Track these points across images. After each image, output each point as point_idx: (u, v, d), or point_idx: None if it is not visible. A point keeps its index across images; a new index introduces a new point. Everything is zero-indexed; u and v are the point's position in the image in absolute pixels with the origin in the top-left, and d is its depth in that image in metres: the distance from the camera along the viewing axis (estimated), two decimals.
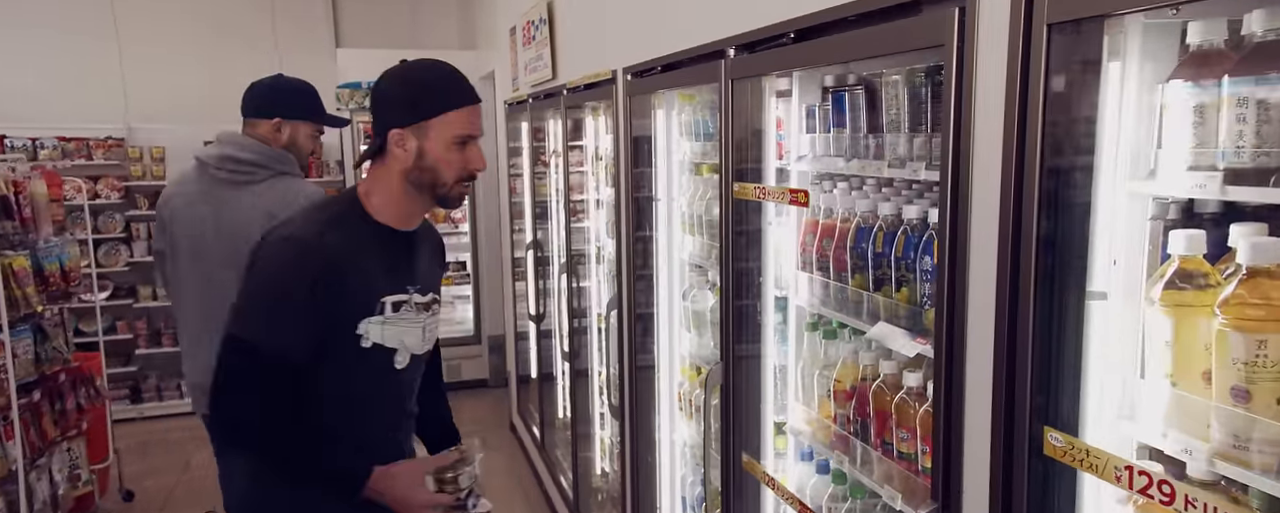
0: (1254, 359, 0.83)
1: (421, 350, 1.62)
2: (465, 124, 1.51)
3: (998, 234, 0.98)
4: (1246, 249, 0.84)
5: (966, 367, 1.05)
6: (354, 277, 1.48)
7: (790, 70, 1.70)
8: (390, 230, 1.56)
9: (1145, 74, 0.95)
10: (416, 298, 1.59)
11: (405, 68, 1.55)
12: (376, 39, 6.48)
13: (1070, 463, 0.91)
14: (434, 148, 1.50)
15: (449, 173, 1.52)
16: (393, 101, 1.52)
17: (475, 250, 6.02)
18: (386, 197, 1.55)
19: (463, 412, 5.89)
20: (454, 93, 1.52)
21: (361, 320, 1.50)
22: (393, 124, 1.50)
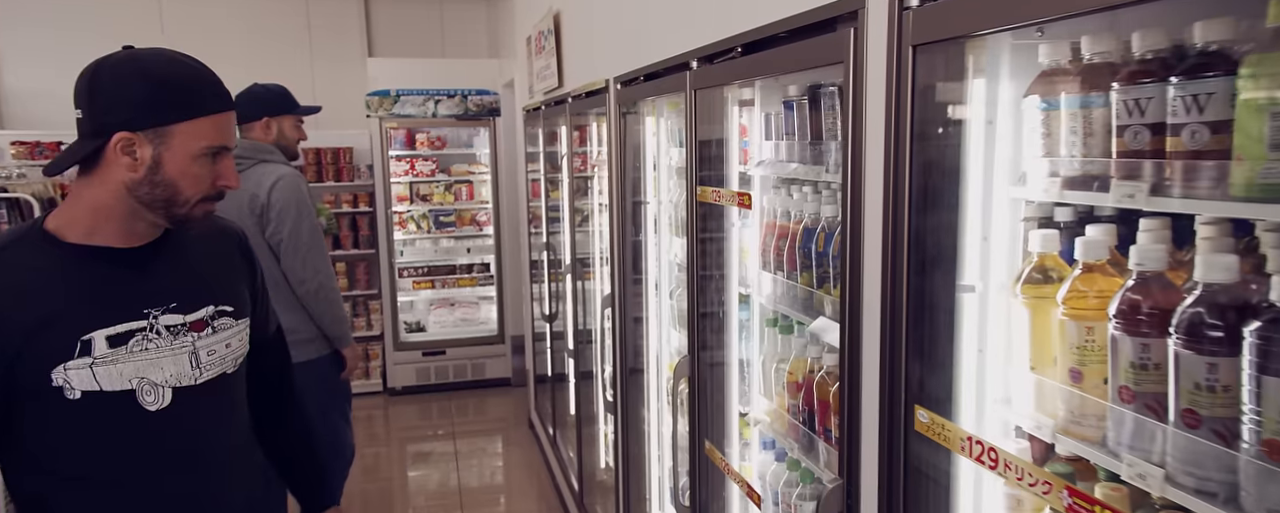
0: (1084, 344, 0.93)
1: (196, 379, 1.33)
2: (219, 132, 1.28)
3: (881, 233, 1.09)
4: (1079, 247, 0.94)
5: (862, 354, 1.16)
6: (22, 316, 1.21)
7: (752, 80, 1.81)
8: (97, 251, 1.28)
9: (1015, 90, 1.05)
10: (167, 320, 1.31)
11: (140, 58, 1.28)
12: (407, 48, 6.72)
13: (933, 438, 1.01)
14: (176, 159, 1.24)
15: (192, 189, 1.27)
16: (126, 99, 1.23)
17: (499, 253, 6.21)
18: (93, 212, 1.27)
19: (487, 410, 6.11)
20: (209, 95, 1.28)
21: (54, 368, 1.22)
22: (121, 126, 1.22)
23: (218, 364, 1.38)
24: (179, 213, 1.29)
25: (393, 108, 5.80)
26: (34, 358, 1.21)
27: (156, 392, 1.30)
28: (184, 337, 1.33)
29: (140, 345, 1.28)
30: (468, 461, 5.03)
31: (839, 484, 1.21)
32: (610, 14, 2.67)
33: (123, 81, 1.24)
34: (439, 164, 6.14)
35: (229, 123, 1.31)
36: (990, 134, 1.05)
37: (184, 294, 1.35)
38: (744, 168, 1.91)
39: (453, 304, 6.33)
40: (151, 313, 1.30)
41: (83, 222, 1.27)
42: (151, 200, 1.26)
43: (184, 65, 1.29)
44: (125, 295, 1.29)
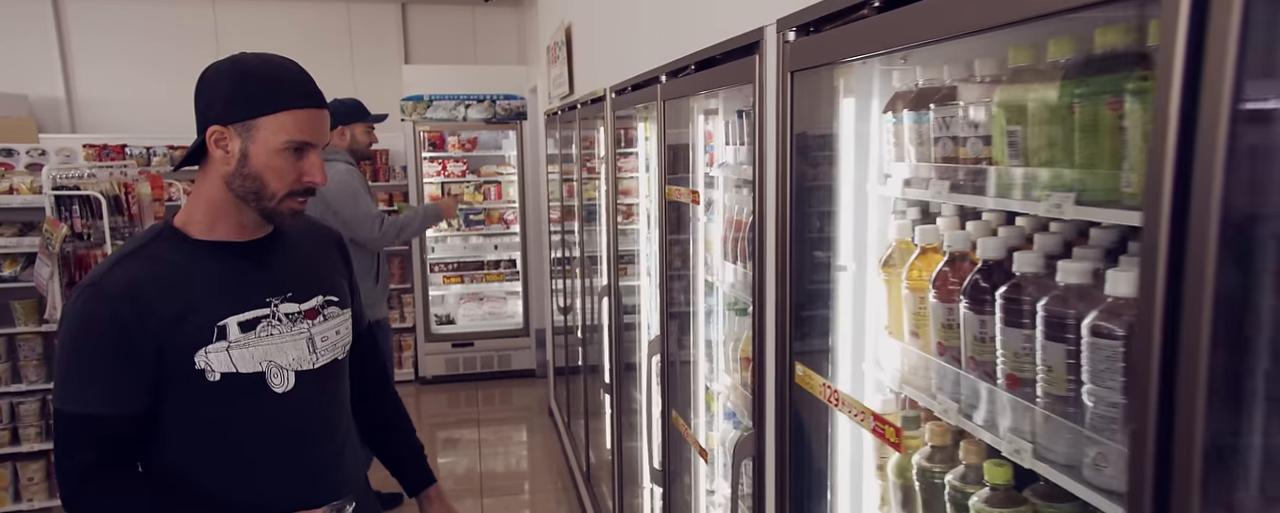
0: (918, 311, 1.16)
1: (315, 364, 1.43)
2: (302, 128, 1.31)
3: (775, 222, 1.33)
4: (917, 233, 1.18)
5: (766, 323, 1.41)
6: (165, 306, 1.29)
7: (716, 91, 2.06)
8: (219, 245, 1.37)
9: (879, 107, 1.29)
10: (285, 309, 1.41)
11: (238, 59, 1.35)
12: (442, 54, 7.07)
13: (805, 387, 1.25)
14: (261, 152, 1.30)
15: (277, 184, 1.32)
16: (216, 94, 1.31)
17: (524, 250, 6.51)
18: (209, 207, 1.37)
19: (512, 399, 6.41)
20: (292, 90, 1.32)
21: (196, 352, 1.31)
22: (213, 120, 1.31)
23: (330, 350, 1.46)
24: (268, 207, 1.34)
25: (426, 112, 6.14)
26: (178, 344, 1.29)
27: (282, 375, 1.38)
28: (301, 324, 1.42)
29: (266, 331, 1.37)
30: (492, 447, 5.32)
31: (751, 432, 1.46)
32: (608, 29, 2.94)
33: (217, 80, 1.32)
34: (469, 165, 6.47)
35: (314, 121, 1.33)
36: (861, 143, 1.29)
37: (298, 284, 1.43)
38: (709, 169, 2.15)
39: (481, 298, 6.65)
40: (273, 301, 1.39)
41: (202, 217, 1.36)
42: (244, 193, 1.33)
43: (274, 64, 1.34)
44: (250, 285, 1.38)
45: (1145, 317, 0.59)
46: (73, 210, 3.43)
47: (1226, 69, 0.51)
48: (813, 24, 1.18)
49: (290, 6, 6.86)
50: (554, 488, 4.61)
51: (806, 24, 1.19)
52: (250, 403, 1.37)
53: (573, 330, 4.73)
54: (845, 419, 1.33)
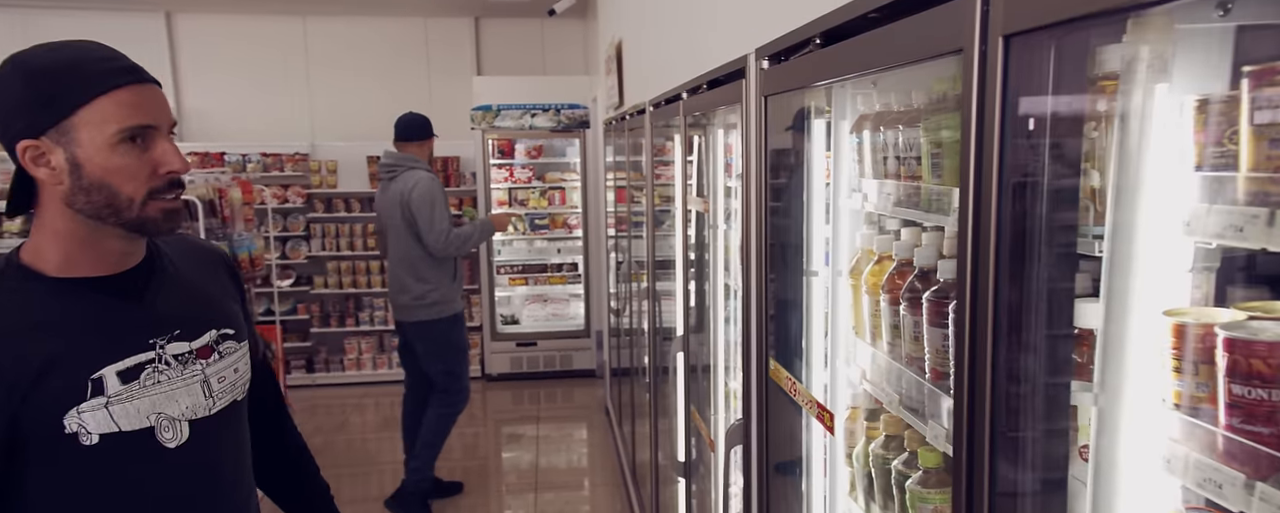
0: (874, 313, 1.28)
1: (211, 410, 1.23)
2: (131, 110, 1.08)
3: (754, 230, 1.47)
4: (876, 243, 1.30)
5: (751, 321, 1.54)
6: (18, 362, 1.08)
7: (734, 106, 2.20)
8: (82, 282, 1.15)
9: (848, 128, 1.41)
10: (174, 349, 1.19)
11: (20, 57, 1.09)
12: (512, 65, 7.37)
13: (775, 380, 1.39)
14: (93, 155, 1.07)
15: (130, 186, 1.09)
16: (13, 105, 1.07)
17: (586, 254, 6.73)
18: (57, 241, 1.13)
19: (572, 398, 6.64)
20: (100, 69, 1.08)
21: (66, 413, 1.10)
22: (20, 135, 1.07)
23: (228, 391, 1.27)
24: (132, 217, 1.11)
25: (494, 121, 6.42)
26: (41, 406, 1.08)
27: (175, 427, 1.18)
28: (193, 365, 1.21)
29: (152, 379, 1.15)
30: (551, 444, 5.54)
31: (738, 421, 1.60)
32: (649, 46, 3.11)
33: (5, 88, 1.07)
34: (535, 171, 6.73)
35: (144, 98, 1.10)
36: (837, 159, 1.41)
37: (186, 319, 1.22)
38: (728, 181, 2.29)
39: (545, 300, 6.90)
40: (157, 342, 1.18)
41: (52, 252, 1.13)
42: (95, 210, 1.10)
43: (69, 48, 1.10)
44: (127, 326, 1.16)
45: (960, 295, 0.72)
46: None
47: (994, 110, 0.64)
48: (782, 53, 1.32)
49: (373, 20, 7.27)
50: (607, 485, 4.78)
51: (778, 53, 1.33)
52: (137, 466, 1.16)
53: (624, 333, 4.91)
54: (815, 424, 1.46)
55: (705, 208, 2.10)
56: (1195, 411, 0.65)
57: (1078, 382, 0.71)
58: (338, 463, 5.06)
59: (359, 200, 6.70)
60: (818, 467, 1.46)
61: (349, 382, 6.60)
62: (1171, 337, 0.65)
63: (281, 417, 1.52)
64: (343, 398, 6.30)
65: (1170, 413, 0.66)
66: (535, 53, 7.49)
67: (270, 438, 1.48)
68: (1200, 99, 0.63)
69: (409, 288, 3.87)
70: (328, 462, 5.04)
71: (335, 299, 6.78)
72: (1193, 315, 0.65)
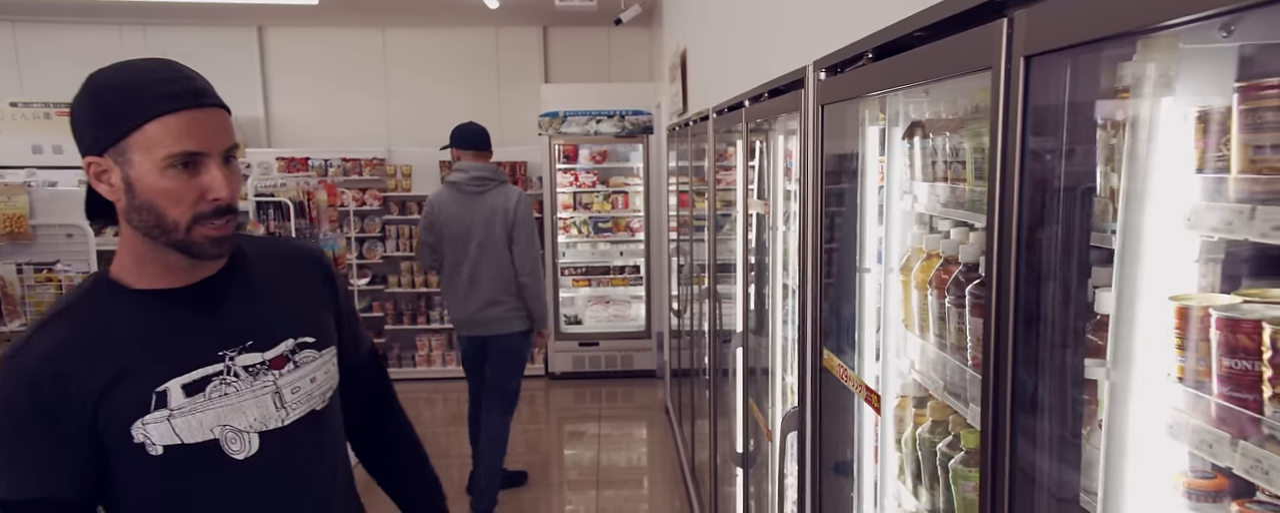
0: (922, 306, 1.38)
1: (284, 421, 1.23)
2: (180, 136, 1.08)
3: (811, 229, 1.58)
4: (923, 241, 1.39)
5: (807, 316, 1.65)
6: (91, 374, 1.12)
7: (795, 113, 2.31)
8: (157, 295, 1.18)
9: (900, 132, 1.51)
10: (244, 361, 1.21)
11: (95, 75, 1.13)
12: (579, 74, 7.58)
13: (829, 369, 1.49)
14: (144, 176, 1.10)
15: (176, 211, 1.11)
16: (81, 123, 1.12)
17: (648, 256, 6.87)
18: (131, 252, 1.18)
19: (633, 397, 6.78)
20: (154, 93, 1.09)
21: (133, 424, 1.14)
22: (86, 152, 1.12)
23: (304, 401, 1.26)
24: (177, 239, 1.13)
25: (560, 127, 6.62)
26: (112, 416, 1.13)
27: (242, 439, 1.19)
28: (264, 376, 1.22)
29: (219, 391, 1.18)
30: (612, 442, 5.69)
31: (794, 408, 1.70)
32: (712, 54, 3.23)
33: (80, 103, 1.13)
34: (599, 176, 6.91)
35: (195, 124, 1.10)
36: (890, 162, 1.51)
37: (259, 330, 1.23)
38: (787, 184, 2.39)
39: (607, 301, 7.07)
40: (227, 354, 1.20)
41: (129, 264, 1.19)
42: (147, 229, 1.13)
43: (133, 68, 1.12)
44: (197, 338, 1.19)
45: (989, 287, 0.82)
46: (268, 214, 4.08)
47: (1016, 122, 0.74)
48: (838, 66, 1.42)
49: (446, 31, 7.56)
50: (666, 483, 4.90)
51: (834, 66, 1.44)
52: (205, 478, 1.19)
53: (685, 334, 5.02)
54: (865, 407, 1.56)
55: (765, 210, 2.21)
56: (1197, 384, 0.74)
57: (1093, 360, 0.81)
58: None
59: None
60: (868, 450, 1.56)
61: (419, 377, 6.89)
62: (1176, 319, 0.74)
63: (386, 408, 1.52)
64: (414, 392, 6.58)
65: (1174, 385, 0.75)
66: (601, 60, 7.68)
67: (375, 430, 1.51)
68: (1201, 110, 0.72)
69: (501, 301, 3.86)
70: None
71: (408, 298, 7.07)
72: (1195, 300, 0.74)
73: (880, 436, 1.51)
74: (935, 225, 1.51)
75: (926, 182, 1.37)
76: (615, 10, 6.03)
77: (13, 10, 6.71)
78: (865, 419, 1.56)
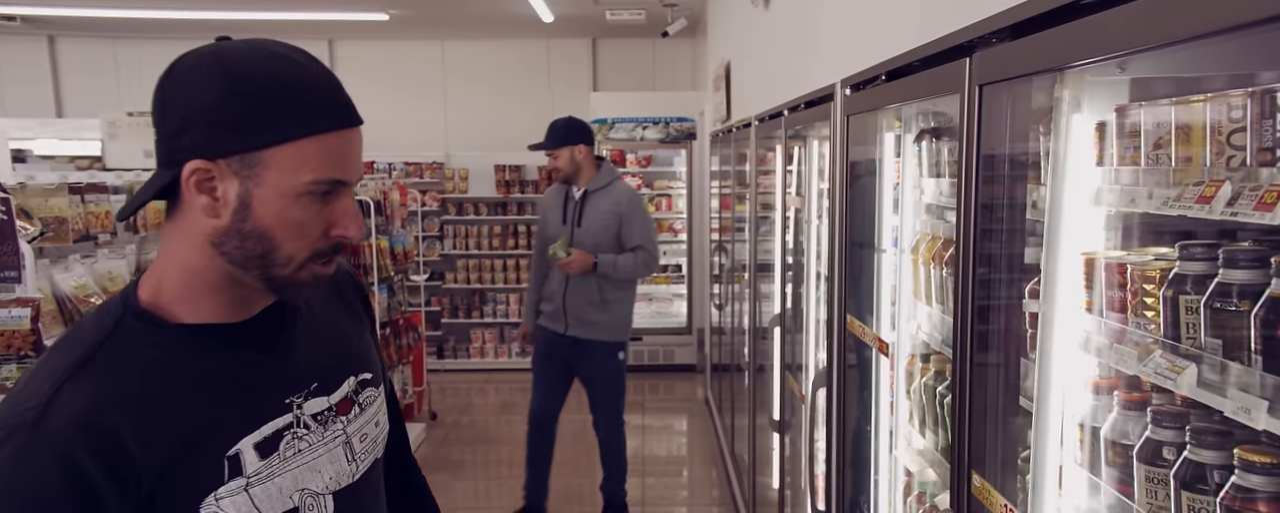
0: (928, 278, 1.71)
1: (355, 476, 1.03)
2: (335, 161, 0.89)
3: (838, 217, 1.91)
4: (930, 225, 1.72)
5: (834, 294, 1.98)
6: (151, 442, 0.85)
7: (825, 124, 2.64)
8: (210, 330, 0.94)
9: (912, 138, 1.84)
10: (312, 408, 1.00)
11: (226, 52, 0.89)
12: (626, 83, 7.97)
13: (852, 332, 1.82)
14: (271, 200, 0.88)
15: (294, 245, 0.91)
16: (201, 112, 0.86)
17: (690, 256, 7.22)
18: (189, 279, 0.93)
19: (675, 391, 7.14)
20: (321, 105, 0.89)
21: (203, 502, 0.89)
22: (195, 152, 0.86)
23: (371, 450, 1.07)
24: (279, 276, 0.92)
25: (609, 133, 7.02)
26: (176, 494, 0.87)
27: (319, 503, 0.98)
28: (334, 424, 1.01)
29: (292, 448, 0.96)
30: (655, 433, 6.03)
31: (824, 367, 2.04)
32: (754, 68, 3.58)
33: (199, 87, 0.87)
34: (644, 179, 7.29)
35: (350, 145, 0.92)
36: (904, 162, 1.84)
37: (323, 369, 1.03)
38: (821, 185, 2.73)
39: (650, 299, 7.43)
40: (294, 401, 0.98)
41: (179, 291, 0.93)
42: (243, 258, 0.91)
43: (287, 62, 0.90)
44: (261, 385, 0.96)
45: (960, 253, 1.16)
46: None
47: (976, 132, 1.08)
48: (861, 83, 1.77)
49: (501, 42, 8.02)
50: (706, 471, 5.22)
51: (858, 83, 1.78)
52: None
53: (725, 331, 5.36)
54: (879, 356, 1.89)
55: (802, 205, 2.54)
56: (1095, 311, 1.06)
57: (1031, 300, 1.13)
58: (462, 440, 5.71)
59: (486, 205, 7.42)
60: (884, 395, 1.88)
61: (473, 368, 7.32)
62: (1084, 267, 1.07)
63: (406, 453, 1.30)
64: (469, 382, 7.01)
65: (1083, 314, 1.07)
66: (646, 69, 8.07)
67: (397, 477, 1.26)
68: (1099, 122, 1.05)
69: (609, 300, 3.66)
70: (453, 437, 5.69)
71: (463, 293, 7.51)
72: (1098, 255, 1.06)
73: (894, 386, 1.84)
74: (943, 215, 1.84)
75: (933, 178, 1.70)
76: (662, 23, 6.40)
77: (112, 29, 7.32)
78: (881, 370, 1.90)
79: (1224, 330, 0.83)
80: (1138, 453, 0.98)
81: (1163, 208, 0.87)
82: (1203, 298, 0.86)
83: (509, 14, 6.76)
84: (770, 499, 3.46)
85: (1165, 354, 0.89)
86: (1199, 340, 0.86)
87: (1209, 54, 0.93)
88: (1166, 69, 1.05)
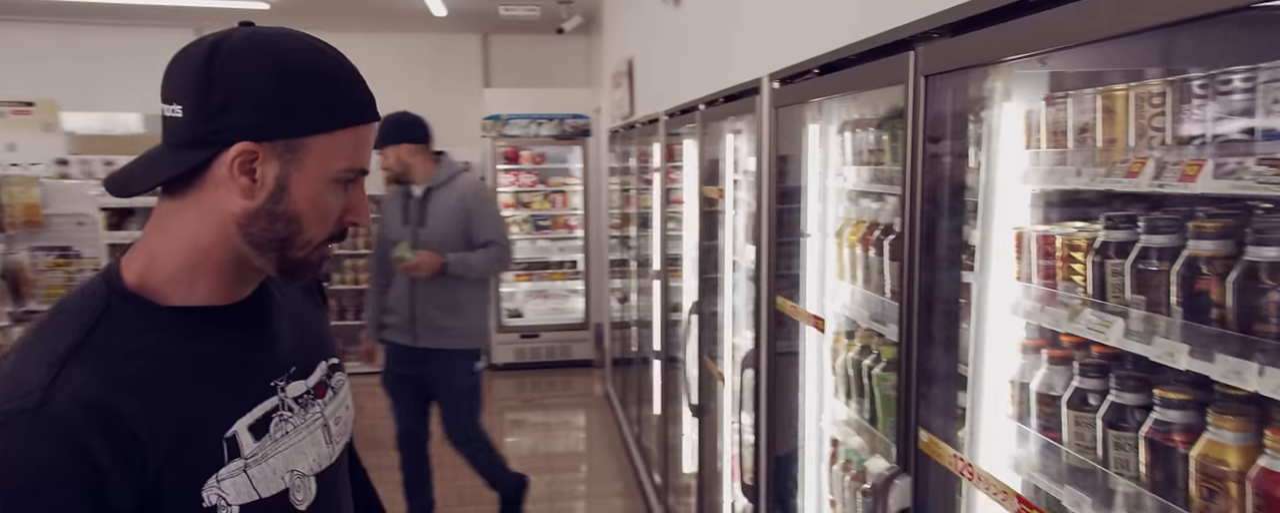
0: (853, 260, 1.83)
1: (332, 458, 1.06)
2: (362, 151, 0.97)
3: (766, 208, 2.02)
4: (853, 211, 1.85)
5: (761, 277, 2.09)
6: (158, 425, 0.86)
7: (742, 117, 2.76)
8: (200, 314, 0.95)
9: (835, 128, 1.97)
10: (293, 390, 1.02)
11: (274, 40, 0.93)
12: (518, 79, 7.92)
13: (781, 310, 1.93)
14: (307, 184, 0.92)
15: (317, 228, 0.95)
16: (255, 95, 0.89)
17: (586, 252, 7.27)
18: (194, 257, 0.94)
19: (572, 386, 7.14)
20: (360, 99, 0.96)
21: (206, 484, 0.90)
22: (245, 133, 0.89)
23: (343, 434, 1.09)
24: (294, 257, 0.96)
25: (502, 129, 6.96)
26: (181, 477, 0.88)
27: (305, 485, 1.00)
28: (313, 407, 1.03)
29: (280, 430, 0.98)
30: (554, 429, 6.04)
31: (752, 348, 2.14)
32: (662, 64, 3.67)
33: (252, 70, 0.90)
34: (539, 176, 7.28)
35: (371, 138, 0.99)
36: (827, 152, 1.96)
37: (299, 352, 1.04)
38: (734, 175, 2.85)
39: (546, 295, 7.43)
40: (278, 384, 1.00)
41: (178, 272, 0.93)
42: (266, 240, 0.93)
43: (329, 57, 0.95)
44: (252, 368, 0.98)
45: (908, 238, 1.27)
46: None
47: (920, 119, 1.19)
48: (789, 78, 1.87)
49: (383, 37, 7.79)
50: (610, 463, 5.28)
51: (787, 77, 1.89)
52: None
53: (628, 325, 5.44)
54: (809, 329, 2.02)
55: (718, 195, 2.65)
56: (1025, 279, 1.20)
57: (968, 271, 1.26)
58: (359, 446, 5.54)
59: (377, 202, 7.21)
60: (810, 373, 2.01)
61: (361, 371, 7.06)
62: (1014, 239, 1.20)
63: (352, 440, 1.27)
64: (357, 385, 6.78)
65: (1014, 282, 1.21)
66: (540, 66, 8.04)
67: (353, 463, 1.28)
68: (1029, 110, 1.18)
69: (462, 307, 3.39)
70: None
71: (351, 295, 7.25)
72: (1026, 228, 1.20)
73: (820, 363, 1.97)
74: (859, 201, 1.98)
75: (855, 166, 1.83)
76: (557, 19, 6.42)
77: None
78: (809, 346, 2.01)
79: (1147, 288, 0.96)
80: (1067, 401, 1.11)
81: (1093, 183, 1.00)
82: (1128, 261, 0.99)
83: (400, 7, 6.60)
84: (683, 485, 3.56)
85: (1095, 312, 1.02)
86: (1125, 298, 0.99)
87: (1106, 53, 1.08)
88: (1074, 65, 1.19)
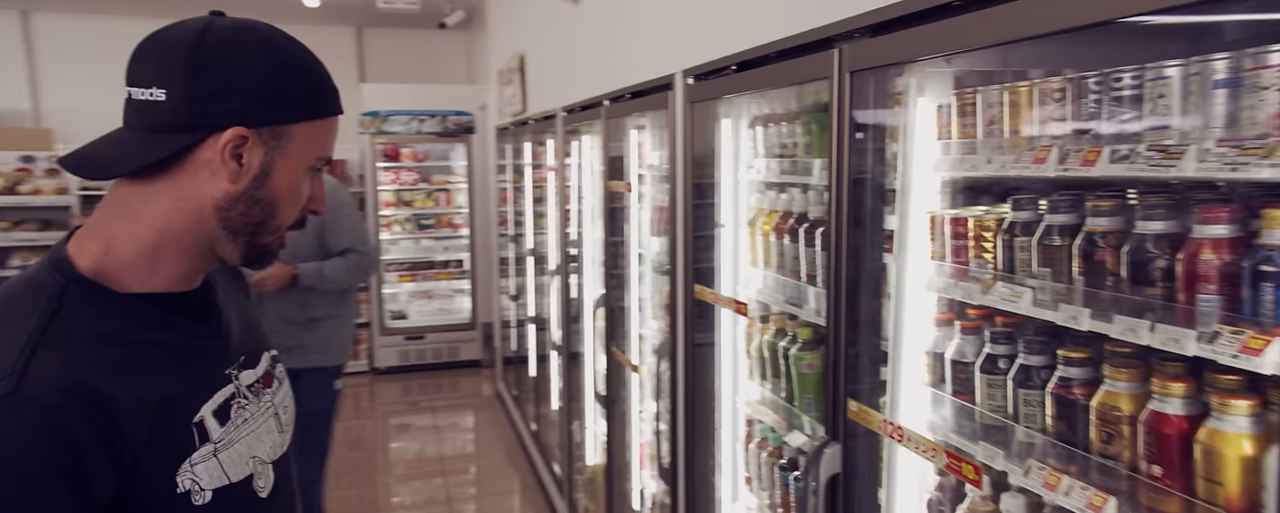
0: (767, 248, 1.94)
1: (283, 448, 1.07)
2: (330, 140, 1.00)
3: (681, 202, 2.09)
4: (766, 201, 1.95)
5: (677, 267, 2.16)
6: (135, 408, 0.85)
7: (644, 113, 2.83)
8: (157, 300, 0.94)
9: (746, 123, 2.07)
10: (247, 378, 1.02)
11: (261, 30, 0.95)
12: (395, 75, 7.69)
13: (698, 296, 2.02)
14: (287, 170, 0.95)
15: (288, 214, 0.98)
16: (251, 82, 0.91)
17: (472, 251, 7.17)
18: (159, 243, 0.93)
19: (460, 387, 7.03)
20: (330, 88, 0.99)
21: (180, 467, 0.90)
22: (238, 118, 0.91)
23: (290, 424, 1.10)
24: (263, 242, 0.98)
25: (382, 126, 6.75)
26: (157, 462, 0.87)
27: (265, 472, 1.01)
28: (264, 396, 1.04)
29: (241, 416, 0.98)
30: (443, 431, 5.92)
31: (666, 336, 2.21)
32: (559, 60, 3.69)
33: (247, 56, 0.91)
34: (421, 174, 7.11)
35: (337, 130, 1.01)
36: (738, 145, 2.06)
37: (246, 343, 1.05)
38: (639, 169, 2.92)
39: (431, 296, 7.27)
40: (232, 372, 1.00)
41: (140, 260, 0.92)
42: (243, 224, 0.95)
43: (304, 48, 0.98)
44: (208, 355, 0.98)
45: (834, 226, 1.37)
46: None
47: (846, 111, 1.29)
48: (703, 74, 1.95)
49: None
50: (505, 461, 5.25)
51: (701, 73, 1.97)
52: None
53: (522, 323, 5.41)
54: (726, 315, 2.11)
55: (625, 189, 2.71)
56: (939, 258, 1.32)
57: (888, 253, 1.38)
58: None
59: None
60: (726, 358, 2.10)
61: None
62: (929, 223, 1.32)
63: None
64: None
65: (929, 261, 1.33)
66: (419, 61, 7.85)
67: None
68: (941, 104, 1.31)
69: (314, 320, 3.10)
70: None
71: None
72: (938, 212, 1.32)
73: (734, 347, 2.06)
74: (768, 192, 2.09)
75: (766, 158, 1.94)
76: (437, 13, 6.30)
77: None
78: (724, 330, 2.11)
79: (1051, 261, 1.10)
80: (980, 366, 1.24)
81: (1003, 170, 1.13)
82: (1033, 238, 1.12)
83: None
84: (586, 478, 3.61)
85: (1006, 284, 1.15)
86: (1031, 271, 1.13)
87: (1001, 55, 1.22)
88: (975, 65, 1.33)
